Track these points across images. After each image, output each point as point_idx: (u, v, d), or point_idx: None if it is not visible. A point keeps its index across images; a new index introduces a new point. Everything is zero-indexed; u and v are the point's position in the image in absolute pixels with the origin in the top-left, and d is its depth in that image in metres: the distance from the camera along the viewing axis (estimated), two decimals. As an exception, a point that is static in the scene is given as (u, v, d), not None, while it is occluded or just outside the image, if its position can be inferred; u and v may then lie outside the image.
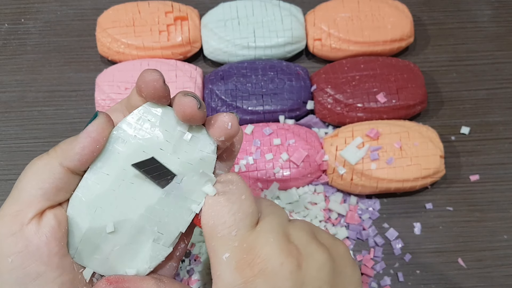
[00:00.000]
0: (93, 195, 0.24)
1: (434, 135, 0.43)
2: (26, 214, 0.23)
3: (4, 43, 0.51)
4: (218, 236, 0.23)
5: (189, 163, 0.25)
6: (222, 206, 0.24)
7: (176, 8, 0.48)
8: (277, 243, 0.23)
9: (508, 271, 0.41)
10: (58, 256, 0.23)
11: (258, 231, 0.24)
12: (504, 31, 0.52)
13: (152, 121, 0.25)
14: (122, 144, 0.24)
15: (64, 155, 0.23)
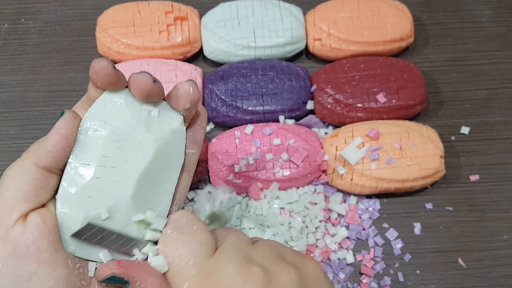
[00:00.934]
0: (80, 186, 0.24)
1: (434, 135, 0.43)
2: (9, 217, 0.23)
3: (4, 43, 0.51)
4: (176, 269, 0.24)
5: (162, 137, 0.26)
6: (175, 239, 0.24)
7: (176, 8, 0.48)
8: (236, 268, 0.23)
9: (508, 271, 0.41)
10: (48, 252, 0.23)
11: (216, 257, 0.24)
12: (504, 31, 0.52)
13: (117, 106, 0.25)
14: (94, 133, 0.25)
15: (37, 155, 0.23)
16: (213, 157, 0.43)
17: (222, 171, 0.42)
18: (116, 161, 0.25)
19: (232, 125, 0.46)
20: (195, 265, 0.23)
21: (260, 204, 0.42)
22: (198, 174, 0.43)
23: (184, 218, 0.25)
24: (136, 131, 0.26)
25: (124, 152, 0.25)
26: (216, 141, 0.44)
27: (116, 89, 0.25)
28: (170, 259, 0.24)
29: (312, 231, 0.41)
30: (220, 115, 0.45)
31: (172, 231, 0.24)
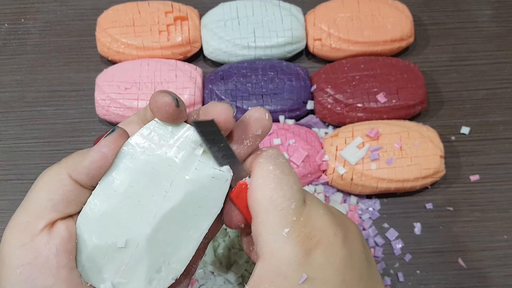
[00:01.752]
0: (100, 211, 0.23)
1: (434, 135, 0.43)
2: (36, 225, 0.22)
3: (4, 43, 0.51)
4: (278, 209, 0.22)
5: (199, 181, 0.24)
6: (280, 178, 0.23)
7: (176, 8, 0.48)
8: (328, 216, 0.23)
9: (508, 271, 0.41)
10: (67, 269, 0.22)
11: (309, 204, 0.24)
12: (504, 31, 0.52)
13: (162, 136, 0.24)
14: (130, 160, 0.24)
15: (74, 167, 0.23)
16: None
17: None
18: (142, 196, 0.24)
19: (232, 125, 0.46)
20: (295, 210, 0.23)
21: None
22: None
23: (281, 158, 0.24)
24: (172, 168, 0.24)
25: (152, 188, 0.24)
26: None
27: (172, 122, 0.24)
28: (272, 197, 0.23)
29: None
30: (220, 115, 0.45)
31: (275, 169, 0.23)
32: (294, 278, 0.22)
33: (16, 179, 0.45)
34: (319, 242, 0.22)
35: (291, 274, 0.22)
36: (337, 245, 0.23)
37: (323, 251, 0.22)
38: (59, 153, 0.46)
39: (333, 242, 0.23)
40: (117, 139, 0.23)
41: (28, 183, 0.44)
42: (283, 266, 0.22)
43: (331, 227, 0.23)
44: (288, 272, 0.22)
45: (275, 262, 0.22)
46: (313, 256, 0.22)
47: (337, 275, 0.23)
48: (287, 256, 0.22)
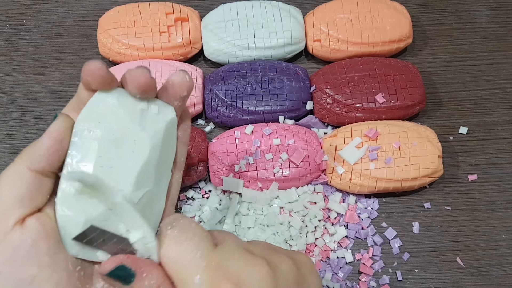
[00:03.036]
0: (79, 187, 0.24)
1: (432, 135, 0.44)
2: (6, 223, 0.23)
3: (6, 43, 0.52)
4: (183, 264, 0.23)
5: (157, 134, 0.26)
6: (177, 236, 0.24)
7: (176, 9, 0.48)
8: (244, 256, 0.23)
9: (506, 270, 0.42)
10: (48, 255, 0.23)
11: (221, 248, 0.24)
12: (502, 32, 0.52)
13: (110, 106, 0.25)
14: (89, 134, 0.25)
15: (30, 159, 0.23)
16: (213, 157, 0.43)
17: (222, 171, 0.42)
18: (113, 161, 0.25)
19: (232, 125, 0.46)
20: (202, 257, 0.23)
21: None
22: (199, 174, 0.43)
23: (180, 219, 0.25)
24: (131, 130, 0.25)
25: (120, 151, 0.25)
26: (216, 141, 0.44)
27: (109, 89, 0.25)
28: (176, 256, 0.23)
29: (311, 230, 0.41)
30: (220, 116, 0.46)
31: (173, 230, 0.24)
32: None
33: (18, 178, 0.45)
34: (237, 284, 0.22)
35: None
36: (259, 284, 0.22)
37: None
38: (61, 153, 0.46)
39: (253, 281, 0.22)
40: (64, 121, 0.24)
41: (30, 183, 0.45)
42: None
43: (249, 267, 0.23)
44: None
45: None
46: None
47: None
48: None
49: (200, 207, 0.43)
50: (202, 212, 0.42)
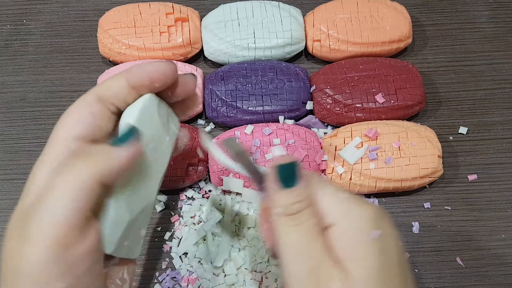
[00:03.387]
0: (127, 191, 0.25)
1: (432, 135, 0.44)
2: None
3: (6, 43, 0.52)
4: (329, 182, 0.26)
5: (171, 140, 0.30)
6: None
7: (176, 10, 0.48)
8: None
9: (506, 270, 0.42)
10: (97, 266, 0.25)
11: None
12: (502, 32, 0.52)
13: (153, 111, 0.27)
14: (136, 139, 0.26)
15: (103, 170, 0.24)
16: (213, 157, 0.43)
17: (222, 171, 0.42)
18: (148, 168, 0.27)
19: (232, 125, 0.46)
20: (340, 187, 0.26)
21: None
22: (199, 174, 0.43)
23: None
24: (162, 138, 0.28)
25: (153, 159, 0.27)
26: (216, 141, 0.44)
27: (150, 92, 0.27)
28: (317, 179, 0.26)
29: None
30: (220, 116, 0.46)
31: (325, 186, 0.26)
32: (368, 232, 0.23)
33: (18, 178, 0.45)
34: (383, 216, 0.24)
35: (364, 229, 0.23)
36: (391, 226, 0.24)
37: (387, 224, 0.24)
38: (61, 153, 0.46)
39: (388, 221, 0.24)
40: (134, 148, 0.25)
41: (30, 183, 0.45)
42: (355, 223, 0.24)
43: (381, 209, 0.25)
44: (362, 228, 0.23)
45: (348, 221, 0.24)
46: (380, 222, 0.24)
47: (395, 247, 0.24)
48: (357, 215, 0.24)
49: (200, 207, 0.43)
50: (202, 212, 0.42)
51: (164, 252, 0.42)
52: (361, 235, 0.23)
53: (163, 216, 0.44)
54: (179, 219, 0.43)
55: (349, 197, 0.25)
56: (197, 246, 0.41)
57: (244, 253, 0.40)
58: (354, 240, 0.23)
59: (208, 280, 0.40)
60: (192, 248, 0.41)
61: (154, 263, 0.42)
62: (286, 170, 0.25)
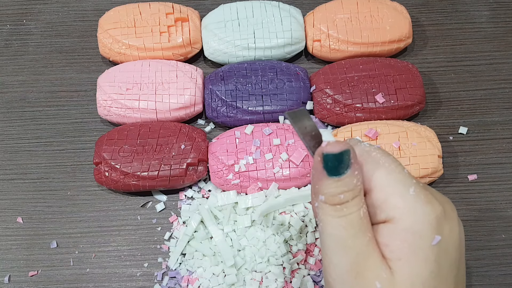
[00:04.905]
0: None
1: (432, 135, 0.44)
2: None
3: (6, 43, 0.52)
4: (396, 173, 0.23)
5: None
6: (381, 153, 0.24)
7: (176, 9, 0.48)
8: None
9: (506, 270, 0.42)
10: None
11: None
12: (502, 32, 0.52)
13: None
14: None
15: None
16: (213, 157, 0.43)
17: (222, 171, 0.42)
18: None
19: (232, 125, 0.46)
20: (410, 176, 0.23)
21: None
22: (199, 174, 0.43)
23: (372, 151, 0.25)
24: None
25: None
26: (216, 141, 0.44)
27: None
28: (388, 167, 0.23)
29: (311, 230, 0.41)
30: (220, 115, 0.46)
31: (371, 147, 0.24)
32: (428, 237, 0.22)
33: (18, 178, 0.45)
34: (445, 211, 0.22)
35: (425, 233, 0.22)
36: (456, 221, 0.23)
37: (448, 221, 0.22)
38: (61, 153, 0.46)
39: (453, 217, 0.23)
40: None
41: (30, 183, 0.45)
42: (417, 225, 0.22)
43: (448, 201, 0.24)
44: (423, 231, 0.22)
45: (408, 221, 0.22)
46: (442, 224, 0.22)
47: (455, 250, 0.23)
48: (420, 215, 0.22)
49: (200, 207, 0.43)
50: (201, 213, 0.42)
51: (164, 252, 0.42)
52: (420, 240, 0.22)
53: (163, 216, 0.44)
54: (178, 219, 0.43)
55: (417, 191, 0.22)
56: (196, 246, 0.41)
57: (244, 253, 0.40)
58: (410, 243, 0.22)
59: (208, 280, 0.40)
60: (191, 248, 0.41)
61: (154, 263, 0.42)
62: (334, 160, 0.22)
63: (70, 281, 0.42)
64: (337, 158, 0.22)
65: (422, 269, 0.21)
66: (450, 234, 0.22)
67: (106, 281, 0.41)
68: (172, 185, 0.42)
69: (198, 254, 0.41)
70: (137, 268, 0.42)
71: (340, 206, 0.22)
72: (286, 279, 0.39)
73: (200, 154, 0.43)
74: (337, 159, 0.22)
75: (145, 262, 0.42)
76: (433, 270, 0.22)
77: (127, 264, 0.42)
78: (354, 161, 0.23)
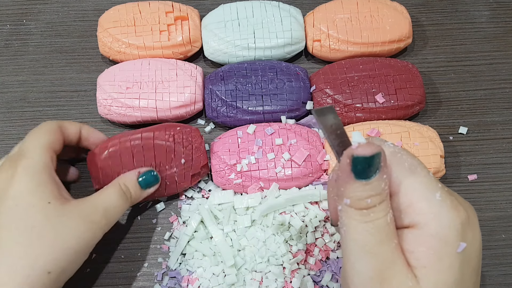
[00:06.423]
0: None
1: (434, 135, 0.44)
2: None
3: (6, 43, 0.52)
4: (422, 175, 0.22)
5: None
6: (404, 153, 0.24)
7: (176, 8, 0.48)
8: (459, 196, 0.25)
9: (506, 270, 0.42)
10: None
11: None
12: (501, 32, 0.52)
13: None
14: None
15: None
16: (215, 157, 0.43)
17: (224, 170, 0.42)
18: None
19: (232, 125, 0.46)
20: (436, 180, 0.23)
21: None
22: (202, 174, 0.43)
23: (398, 152, 0.24)
24: None
25: None
26: (218, 140, 0.44)
27: None
28: (411, 167, 0.23)
29: (312, 230, 0.41)
30: (220, 116, 0.46)
31: (394, 146, 0.24)
32: (454, 244, 0.21)
33: (18, 178, 0.45)
34: (469, 217, 0.22)
35: (451, 239, 0.21)
36: (478, 228, 0.23)
37: (471, 228, 0.22)
38: (61, 152, 0.46)
39: (475, 223, 0.23)
40: None
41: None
42: (443, 231, 0.21)
43: (471, 207, 0.23)
44: (449, 237, 0.21)
45: (434, 227, 0.21)
46: (466, 230, 0.22)
47: (476, 257, 0.22)
48: (446, 221, 0.21)
49: (200, 207, 0.43)
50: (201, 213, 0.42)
51: (164, 252, 0.42)
52: (446, 246, 0.21)
53: (163, 216, 0.44)
54: (178, 219, 0.43)
55: (443, 197, 0.22)
56: (196, 246, 0.41)
57: (244, 253, 0.40)
58: (436, 250, 0.21)
59: (208, 280, 0.40)
60: (191, 248, 0.41)
61: (154, 263, 0.42)
62: (365, 163, 0.21)
63: (70, 281, 0.41)
64: (368, 161, 0.22)
65: (448, 277, 0.21)
66: (473, 242, 0.22)
67: (106, 281, 0.41)
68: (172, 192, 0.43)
69: (198, 254, 0.41)
70: (137, 268, 0.42)
71: (367, 211, 0.22)
72: (286, 279, 0.39)
73: (201, 161, 0.42)
74: (367, 162, 0.22)
75: (145, 262, 0.42)
76: (457, 278, 0.21)
77: (127, 264, 0.42)
78: (383, 164, 0.22)
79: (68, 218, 0.32)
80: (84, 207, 0.34)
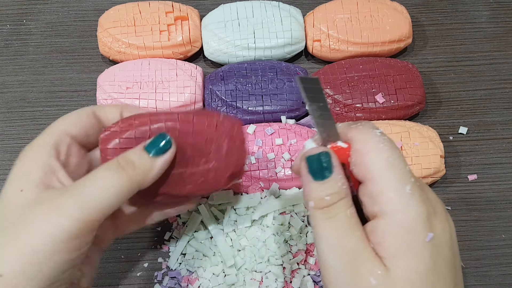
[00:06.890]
0: None
1: (434, 135, 0.44)
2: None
3: (6, 43, 0.52)
4: (398, 168, 0.23)
5: None
6: (389, 142, 0.24)
7: (176, 8, 0.48)
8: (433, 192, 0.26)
9: (506, 270, 0.42)
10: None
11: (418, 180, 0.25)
12: (502, 32, 0.52)
13: None
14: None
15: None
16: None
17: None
18: None
19: (232, 125, 0.46)
20: (410, 173, 0.23)
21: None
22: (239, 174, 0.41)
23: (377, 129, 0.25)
24: None
25: None
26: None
27: None
28: (389, 157, 0.23)
29: (311, 230, 0.41)
30: (220, 115, 0.46)
31: (382, 134, 0.24)
32: (421, 234, 0.22)
33: (18, 178, 0.45)
34: (436, 212, 0.23)
35: (418, 229, 0.22)
36: (447, 221, 0.24)
37: (439, 221, 0.23)
38: (61, 152, 0.46)
39: (444, 216, 0.24)
40: None
41: (30, 183, 0.45)
42: (410, 222, 0.22)
43: (440, 202, 0.24)
44: (416, 228, 0.22)
45: (401, 218, 0.22)
46: (433, 222, 0.23)
47: (449, 248, 0.23)
48: (414, 213, 0.22)
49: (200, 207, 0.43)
50: (202, 212, 0.42)
51: (164, 252, 0.42)
52: (414, 236, 0.22)
53: (163, 216, 0.44)
54: (178, 219, 0.43)
55: (413, 190, 0.23)
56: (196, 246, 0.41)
57: (244, 253, 0.40)
58: (404, 240, 0.22)
59: (208, 280, 0.40)
60: (191, 248, 0.41)
61: (154, 263, 0.42)
62: (316, 162, 0.24)
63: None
64: (319, 161, 0.24)
65: (418, 265, 0.22)
66: (442, 234, 0.23)
67: (106, 281, 0.41)
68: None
69: (198, 254, 0.41)
70: (137, 268, 0.42)
71: (327, 208, 0.23)
72: (286, 279, 0.39)
73: (241, 160, 0.33)
74: (319, 162, 0.24)
75: (145, 262, 0.42)
76: (429, 267, 0.22)
77: (127, 264, 0.42)
78: (336, 164, 0.24)
79: (33, 210, 0.26)
80: (59, 194, 0.26)
